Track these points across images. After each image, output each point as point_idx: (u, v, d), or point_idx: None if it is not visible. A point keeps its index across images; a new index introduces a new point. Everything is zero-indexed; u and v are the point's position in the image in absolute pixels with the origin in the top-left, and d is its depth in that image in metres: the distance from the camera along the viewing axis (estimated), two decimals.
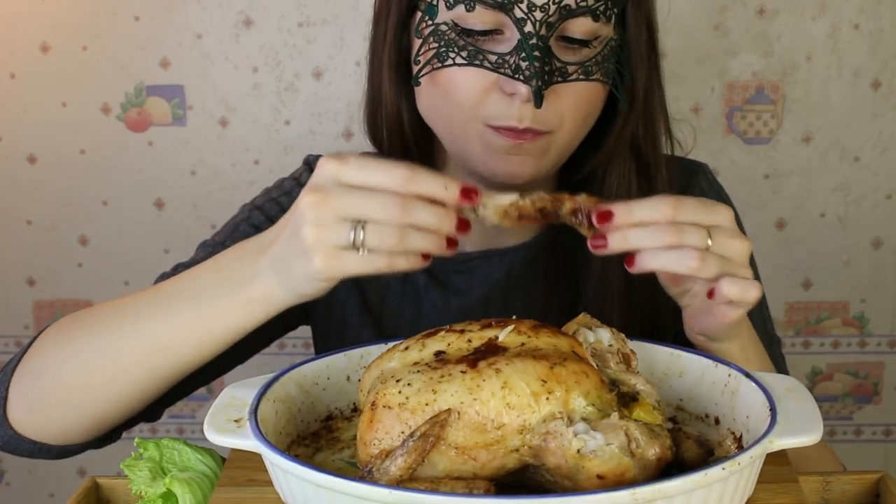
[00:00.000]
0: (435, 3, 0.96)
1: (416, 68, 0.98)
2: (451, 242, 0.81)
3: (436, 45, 0.96)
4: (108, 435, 1.00)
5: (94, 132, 1.98)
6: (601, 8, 0.95)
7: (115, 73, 1.95)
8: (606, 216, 0.81)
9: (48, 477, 2.14)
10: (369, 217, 0.78)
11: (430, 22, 0.96)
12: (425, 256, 0.82)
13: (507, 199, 0.81)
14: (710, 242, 0.83)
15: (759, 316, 1.14)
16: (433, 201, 0.79)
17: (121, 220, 2.01)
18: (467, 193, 0.79)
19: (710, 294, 0.85)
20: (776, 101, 1.94)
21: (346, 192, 0.79)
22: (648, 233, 0.82)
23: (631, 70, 1.02)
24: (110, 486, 0.91)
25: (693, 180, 1.18)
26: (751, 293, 0.85)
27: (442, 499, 0.65)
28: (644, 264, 0.83)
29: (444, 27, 0.95)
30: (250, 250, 0.88)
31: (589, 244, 0.83)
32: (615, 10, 0.97)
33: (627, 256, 0.84)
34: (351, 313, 1.15)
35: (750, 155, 1.96)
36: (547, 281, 1.11)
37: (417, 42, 0.98)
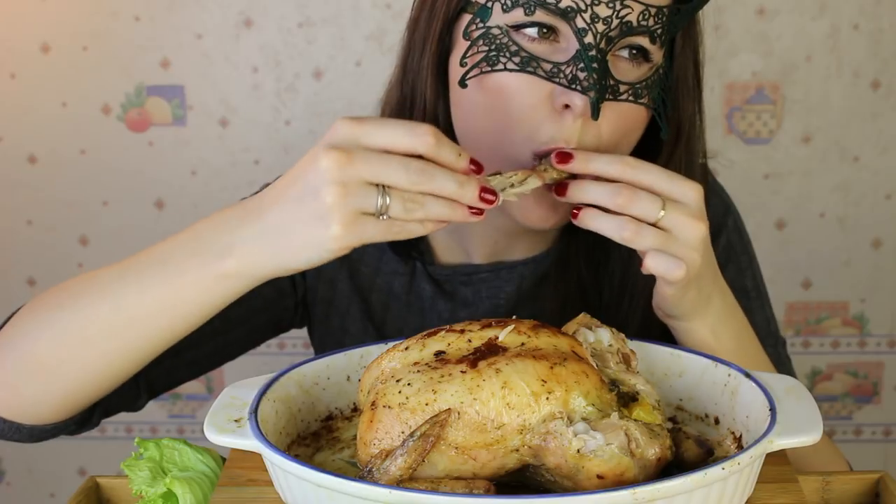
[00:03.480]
0: (489, 4, 0.91)
1: (460, 71, 0.92)
2: (477, 210, 0.81)
3: (486, 48, 0.91)
4: (85, 419, 0.99)
5: (94, 132, 1.98)
6: (658, 31, 0.91)
7: (116, 74, 1.96)
8: (565, 157, 0.88)
9: (48, 477, 2.14)
10: (394, 183, 0.77)
11: (480, 24, 0.91)
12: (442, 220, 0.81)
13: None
14: (661, 214, 0.87)
15: (762, 314, 1.13)
16: None
17: (121, 220, 2.02)
18: (475, 164, 0.81)
19: (641, 264, 0.89)
20: (776, 101, 1.94)
21: (369, 154, 0.77)
22: (605, 191, 0.87)
23: (676, 101, 0.99)
24: (110, 485, 0.91)
25: (724, 220, 1.15)
26: (674, 272, 0.87)
27: (442, 499, 0.65)
28: (584, 221, 0.89)
29: (496, 31, 0.90)
30: (230, 218, 0.84)
31: (553, 191, 0.89)
32: (668, 37, 0.94)
33: (574, 209, 0.89)
34: (352, 322, 1.14)
35: (750, 155, 1.96)
36: (556, 296, 1.09)
37: (464, 44, 0.92)
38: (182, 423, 2.12)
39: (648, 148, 1.00)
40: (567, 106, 0.90)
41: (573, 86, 0.89)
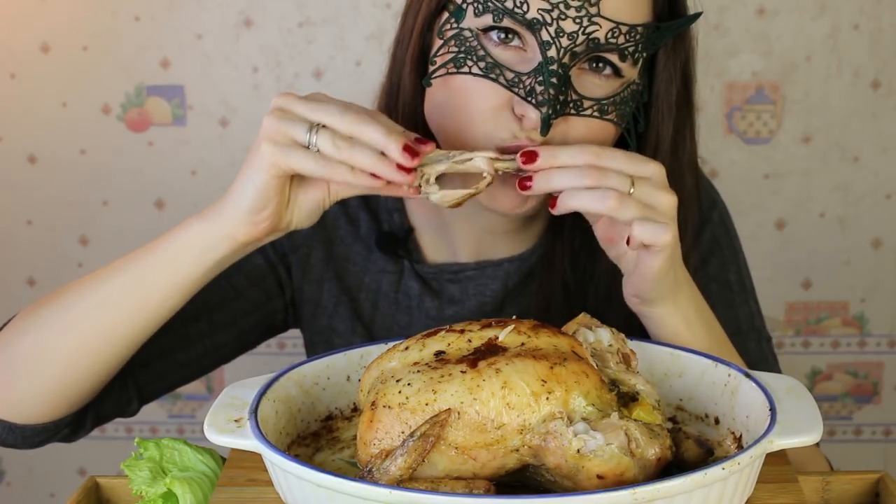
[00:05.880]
0: (464, 6, 0.93)
1: (430, 69, 0.96)
2: (405, 170, 0.83)
3: (455, 49, 0.93)
4: (77, 424, 1.00)
5: (94, 132, 1.98)
6: (630, 49, 0.92)
7: (115, 73, 1.95)
8: (531, 156, 0.88)
9: (48, 477, 2.14)
10: (328, 121, 0.84)
11: (454, 25, 0.94)
12: (375, 176, 0.84)
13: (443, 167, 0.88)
14: (632, 190, 0.87)
15: (746, 309, 1.14)
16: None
17: (121, 220, 2.02)
18: (417, 143, 0.84)
19: (628, 240, 0.88)
20: (776, 101, 1.94)
21: (314, 100, 0.86)
22: (570, 174, 0.87)
23: (654, 118, 0.99)
24: (110, 485, 0.91)
25: (710, 214, 1.15)
26: (662, 236, 0.87)
27: (442, 499, 0.65)
28: (564, 204, 0.88)
29: (467, 33, 0.93)
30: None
31: (517, 186, 0.89)
32: (644, 55, 0.94)
33: (550, 199, 0.89)
34: (339, 321, 1.15)
35: (750, 155, 1.96)
36: (541, 294, 1.10)
37: (437, 42, 0.96)
38: (182, 423, 2.12)
39: None
40: (523, 115, 0.91)
41: (529, 98, 0.90)
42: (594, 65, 0.93)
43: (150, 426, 2.11)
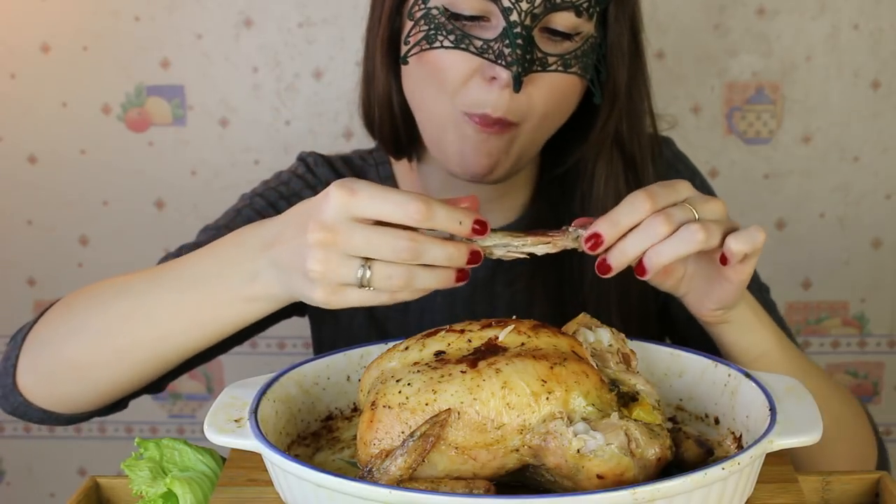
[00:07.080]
0: None
1: (405, 48, 1.03)
2: (462, 273, 0.81)
3: (426, 27, 1.00)
4: (116, 405, 1.04)
5: (94, 132, 1.98)
6: (584, 5, 0.99)
7: (116, 73, 1.95)
8: (596, 239, 0.82)
9: (48, 477, 2.14)
10: (379, 257, 0.78)
11: (422, 5, 1.01)
12: None
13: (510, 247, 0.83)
14: (696, 214, 0.84)
15: None
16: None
17: (121, 220, 2.01)
18: (480, 223, 0.79)
19: (724, 260, 0.84)
20: (776, 101, 1.94)
21: (355, 229, 0.77)
22: (642, 234, 0.82)
23: (610, 67, 1.06)
24: (110, 486, 0.91)
25: (693, 181, 1.20)
26: (758, 238, 0.85)
27: (442, 499, 0.65)
28: (655, 264, 0.82)
29: (434, 11, 1.00)
30: (250, 243, 0.87)
31: (597, 271, 0.84)
32: (598, 9, 1.01)
33: (636, 267, 0.83)
34: None
35: (750, 155, 1.96)
36: (530, 262, 1.11)
37: (409, 24, 1.02)
38: (182, 423, 2.12)
39: (587, 110, 1.08)
40: (494, 78, 0.98)
41: (499, 61, 0.97)
42: (550, 35, 0.99)
43: (150, 426, 2.11)
